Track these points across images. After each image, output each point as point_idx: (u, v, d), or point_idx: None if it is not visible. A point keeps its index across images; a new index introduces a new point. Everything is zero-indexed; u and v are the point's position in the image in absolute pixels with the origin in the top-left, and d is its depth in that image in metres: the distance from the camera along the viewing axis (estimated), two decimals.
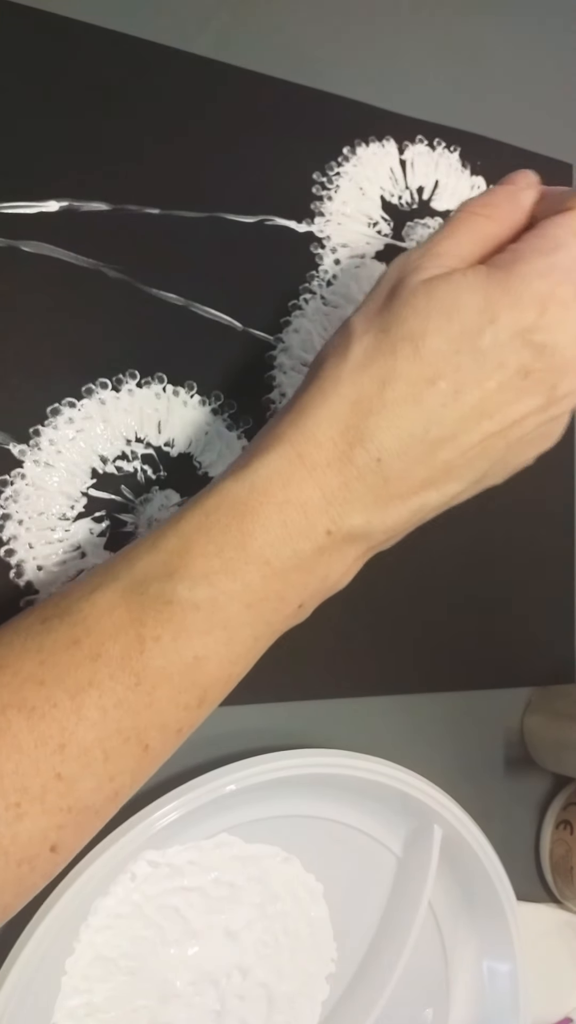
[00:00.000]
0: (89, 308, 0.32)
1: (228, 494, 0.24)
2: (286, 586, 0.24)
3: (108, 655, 0.23)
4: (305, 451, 0.24)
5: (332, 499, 0.24)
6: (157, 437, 0.33)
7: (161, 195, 0.34)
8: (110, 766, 0.23)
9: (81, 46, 0.33)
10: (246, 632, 0.24)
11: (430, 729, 0.38)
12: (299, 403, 0.25)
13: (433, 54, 0.40)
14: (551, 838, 0.40)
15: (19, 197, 0.31)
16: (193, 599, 0.23)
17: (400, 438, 0.24)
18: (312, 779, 0.33)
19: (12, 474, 0.30)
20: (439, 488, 0.26)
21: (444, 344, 0.24)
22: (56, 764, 0.22)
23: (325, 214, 0.37)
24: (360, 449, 0.24)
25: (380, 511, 0.25)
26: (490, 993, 0.38)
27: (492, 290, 0.24)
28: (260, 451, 0.25)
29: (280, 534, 0.24)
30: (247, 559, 0.24)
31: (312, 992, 0.35)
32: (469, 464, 0.25)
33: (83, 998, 0.30)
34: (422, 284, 0.25)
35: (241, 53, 0.35)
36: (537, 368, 0.25)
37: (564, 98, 0.44)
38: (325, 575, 0.25)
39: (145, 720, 0.23)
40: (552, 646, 0.42)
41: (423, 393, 0.24)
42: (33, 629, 0.24)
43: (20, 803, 0.21)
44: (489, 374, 0.24)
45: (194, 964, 0.32)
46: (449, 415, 0.24)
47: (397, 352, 0.24)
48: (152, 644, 0.23)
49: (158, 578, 0.24)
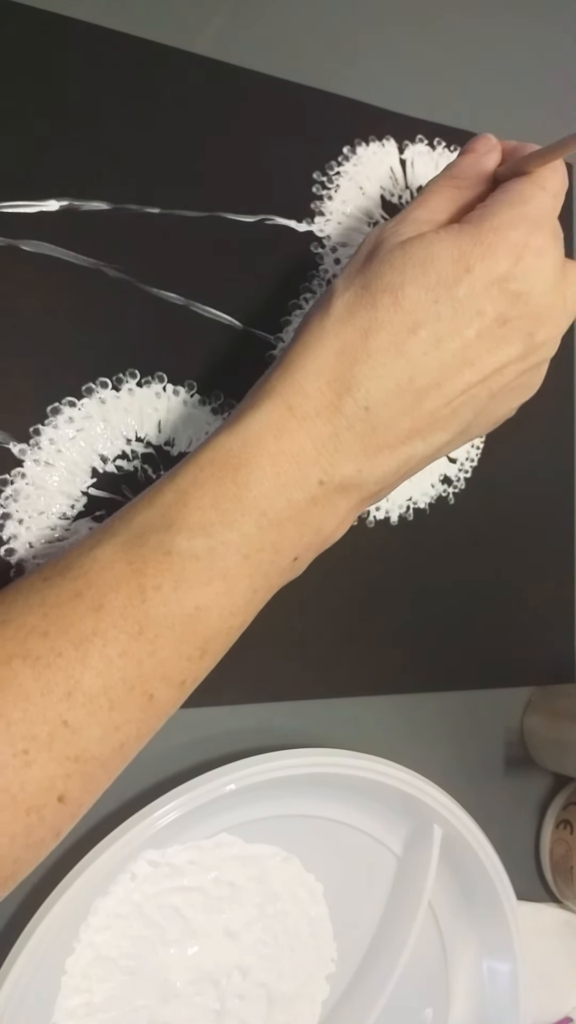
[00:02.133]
0: (89, 308, 0.32)
1: (222, 448, 0.25)
2: (282, 537, 0.25)
3: (110, 605, 0.23)
4: (295, 402, 0.25)
5: (323, 448, 0.25)
6: (157, 436, 0.33)
7: (161, 194, 0.33)
8: (115, 715, 0.23)
9: (81, 45, 0.33)
10: (244, 584, 0.25)
11: (430, 729, 0.38)
12: (287, 358, 0.26)
13: (433, 54, 0.40)
14: (551, 838, 0.40)
15: (19, 196, 0.31)
16: (192, 549, 0.24)
17: (386, 386, 0.25)
18: (312, 779, 0.33)
19: (12, 473, 0.30)
20: (426, 438, 0.26)
21: (422, 294, 0.25)
22: (63, 711, 0.22)
23: (325, 213, 0.37)
24: (348, 398, 0.25)
25: (370, 460, 0.26)
26: (490, 993, 0.38)
27: (464, 241, 0.25)
28: (251, 406, 0.26)
29: (274, 484, 0.25)
30: (243, 510, 0.24)
31: (312, 992, 0.35)
32: (454, 413, 0.26)
33: (83, 998, 0.30)
34: (398, 244, 0.26)
35: (241, 53, 0.35)
36: (514, 316, 0.26)
37: (564, 98, 0.44)
38: (319, 527, 0.26)
39: (149, 669, 0.23)
40: (552, 646, 0.42)
41: (405, 342, 0.25)
42: (35, 586, 0.24)
43: (28, 750, 0.22)
44: (468, 322, 0.25)
45: (194, 964, 0.32)
46: (431, 363, 0.25)
47: (378, 303, 0.25)
48: (153, 594, 0.23)
49: (156, 530, 0.24)
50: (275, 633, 0.34)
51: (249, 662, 0.34)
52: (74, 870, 0.29)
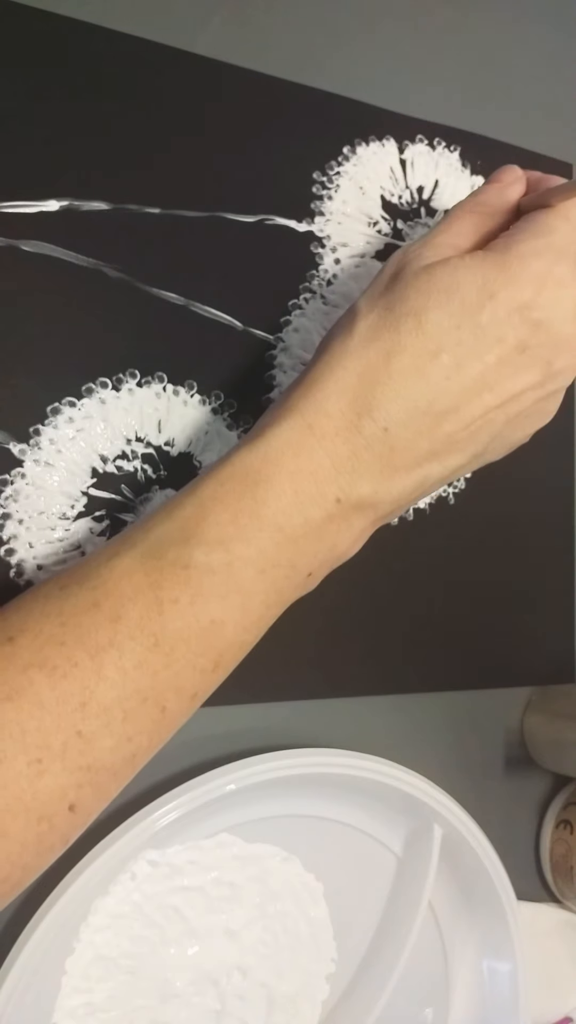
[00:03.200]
0: (89, 308, 0.32)
1: (241, 464, 0.25)
2: (297, 553, 0.25)
3: (127, 617, 0.23)
4: (315, 421, 0.25)
5: (341, 468, 0.25)
6: (157, 436, 0.33)
7: (161, 194, 0.34)
8: (128, 726, 0.23)
9: (81, 45, 0.33)
10: (259, 598, 0.25)
11: (430, 729, 0.38)
12: (308, 377, 0.26)
13: (433, 54, 0.40)
14: (551, 837, 0.40)
15: (19, 196, 0.31)
16: (209, 564, 0.24)
17: (405, 409, 0.25)
18: (312, 779, 0.33)
19: (12, 473, 0.30)
20: (442, 460, 0.27)
21: (445, 319, 0.25)
22: (77, 721, 0.22)
23: (325, 213, 0.37)
24: (368, 419, 0.25)
25: (387, 480, 0.26)
26: (490, 992, 0.38)
27: (489, 269, 0.26)
28: (272, 422, 0.26)
29: (292, 501, 0.25)
30: (260, 526, 0.25)
31: (312, 992, 0.35)
32: (471, 437, 0.27)
33: (83, 998, 0.30)
34: (423, 268, 0.27)
35: (241, 53, 0.35)
36: (534, 344, 0.26)
37: (564, 98, 0.44)
38: (334, 543, 0.26)
39: (163, 681, 0.24)
40: (552, 646, 0.42)
41: (427, 366, 0.25)
42: (52, 595, 0.24)
43: (41, 759, 0.22)
44: (489, 348, 0.26)
45: (194, 964, 0.32)
46: (452, 387, 0.26)
47: (401, 326, 0.26)
48: (170, 607, 0.24)
49: (175, 543, 0.24)
50: (275, 633, 0.34)
51: (249, 662, 0.34)
52: (74, 870, 0.29)
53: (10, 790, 0.21)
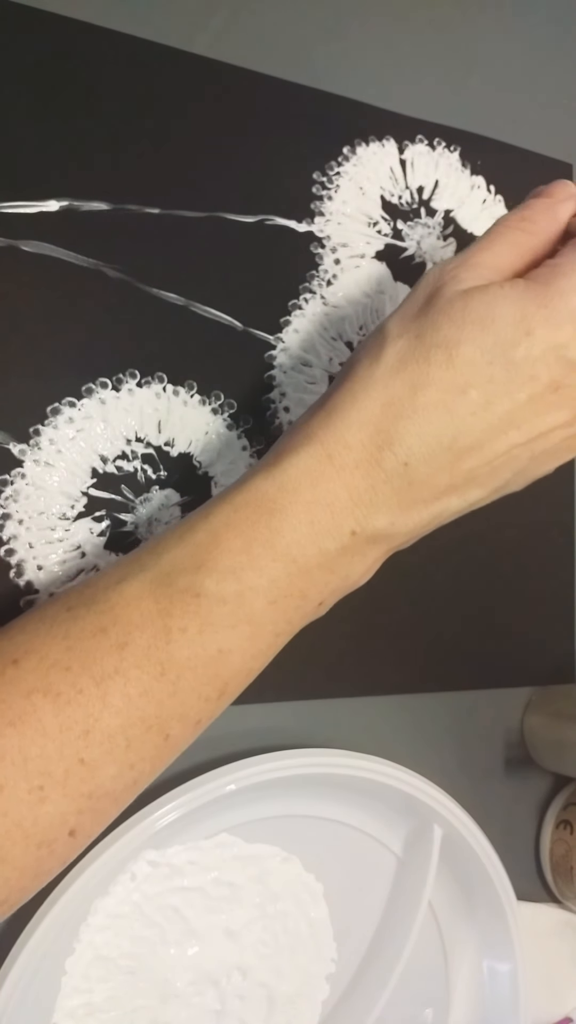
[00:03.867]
0: (89, 308, 0.32)
1: (257, 491, 0.25)
2: (309, 583, 0.25)
3: (134, 644, 0.23)
4: (335, 451, 0.25)
5: (359, 500, 0.25)
6: (157, 437, 0.33)
7: (161, 195, 0.33)
8: (131, 754, 0.23)
9: (81, 46, 0.33)
10: (269, 628, 0.25)
11: (430, 729, 0.38)
12: (330, 403, 0.26)
13: (433, 54, 0.40)
14: (551, 838, 0.40)
15: (19, 196, 0.31)
16: (220, 593, 0.24)
17: (428, 444, 0.25)
18: (312, 779, 0.33)
19: (12, 474, 0.30)
20: (461, 494, 0.26)
21: (478, 354, 0.24)
22: (80, 749, 0.22)
23: (325, 214, 0.37)
24: (388, 452, 0.25)
25: (403, 514, 0.25)
26: (490, 993, 0.38)
27: (529, 303, 0.25)
28: (290, 449, 0.25)
29: (307, 532, 0.25)
30: (274, 556, 0.24)
31: (312, 992, 0.35)
32: (493, 472, 0.26)
33: (83, 998, 0.30)
34: (459, 294, 0.25)
35: (241, 53, 0.35)
36: (568, 383, 0.25)
37: (564, 98, 0.44)
38: (347, 574, 0.26)
39: (168, 710, 0.23)
40: (552, 646, 0.42)
41: (454, 401, 0.25)
42: (59, 617, 0.24)
43: (43, 786, 0.22)
44: (520, 386, 0.25)
45: (194, 964, 0.32)
46: (478, 424, 0.25)
47: (431, 358, 0.25)
48: (178, 635, 0.23)
49: (186, 571, 0.24)
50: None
51: None
52: (74, 870, 0.29)
53: (11, 817, 0.21)
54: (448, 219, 0.40)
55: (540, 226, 0.27)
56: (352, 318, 0.37)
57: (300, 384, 0.36)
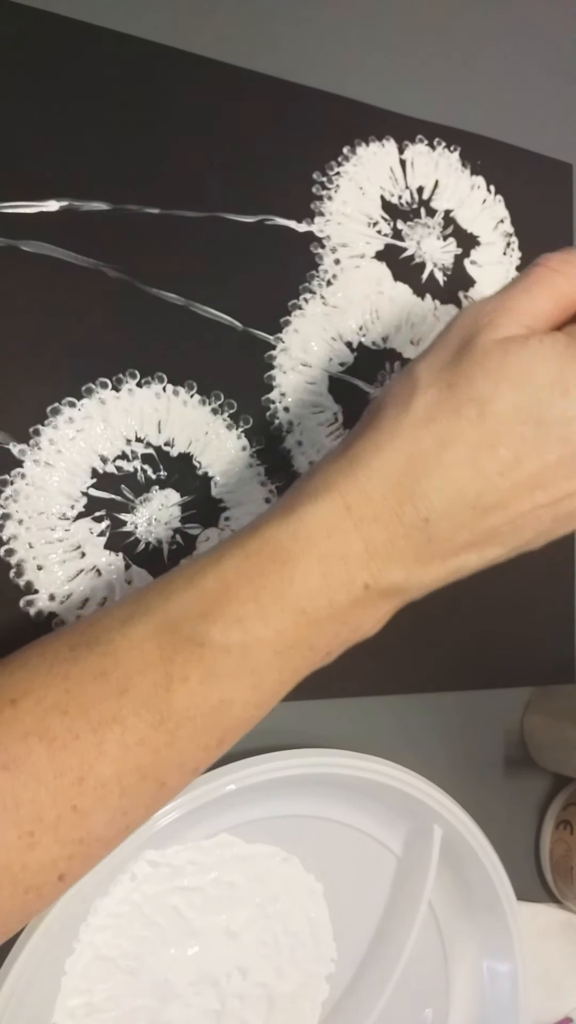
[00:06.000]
0: (89, 308, 0.32)
1: (271, 538, 0.24)
2: (318, 635, 0.24)
3: (135, 691, 0.23)
4: (354, 503, 0.24)
5: (375, 554, 0.24)
6: (157, 437, 0.33)
7: (161, 195, 0.34)
8: (125, 801, 0.23)
9: (81, 46, 0.33)
10: (273, 678, 0.24)
11: (430, 729, 0.38)
12: (353, 449, 0.25)
13: (433, 54, 0.40)
14: (551, 838, 0.40)
15: (19, 196, 0.31)
16: (225, 643, 0.23)
17: (451, 500, 0.24)
18: (312, 779, 0.33)
19: (12, 474, 0.30)
20: (480, 552, 0.25)
21: (511, 411, 0.24)
22: (73, 796, 0.22)
23: (325, 214, 0.37)
24: (410, 507, 0.24)
25: (420, 569, 0.25)
26: (490, 993, 0.38)
27: (568, 363, 0.24)
28: (308, 496, 0.25)
29: (319, 584, 0.24)
30: (283, 607, 0.24)
31: (312, 992, 0.35)
32: (515, 532, 0.25)
33: (83, 998, 0.30)
34: (496, 344, 0.24)
35: (241, 53, 0.35)
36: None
37: (564, 98, 0.44)
38: (357, 625, 0.25)
39: (164, 759, 0.23)
40: (552, 646, 0.42)
41: (482, 458, 0.24)
42: (60, 655, 0.23)
43: (34, 832, 0.21)
44: (551, 447, 0.24)
45: (194, 964, 0.32)
46: (504, 483, 0.24)
47: (461, 413, 0.24)
48: (180, 684, 0.23)
49: (192, 617, 0.23)
50: None
51: None
52: None
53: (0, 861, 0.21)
54: (448, 219, 0.40)
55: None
56: (352, 318, 0.37)
57: (300, 384, 0.36)
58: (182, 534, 0.33)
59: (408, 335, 0.38)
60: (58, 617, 0.31)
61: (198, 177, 0.34)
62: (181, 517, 0.33)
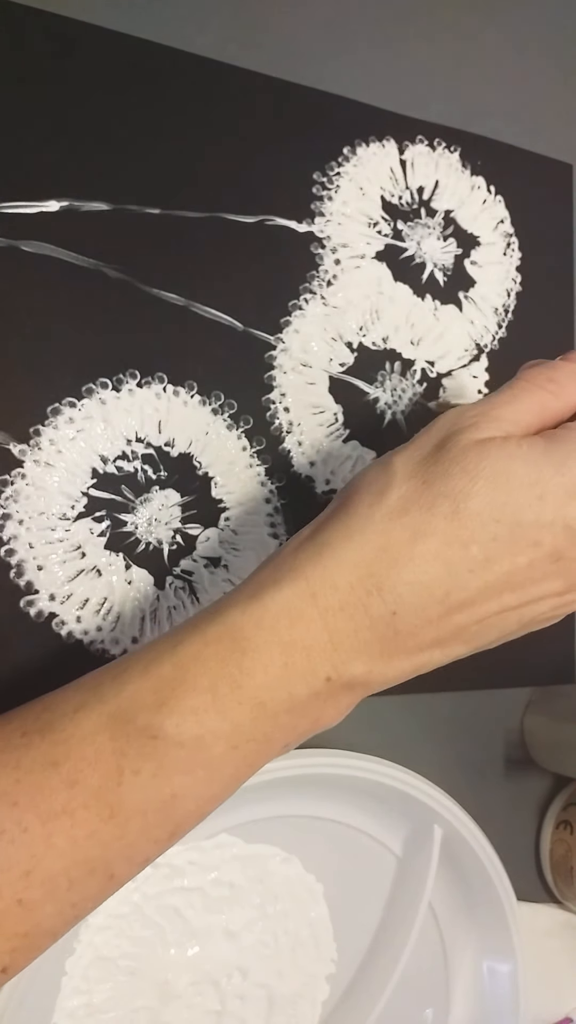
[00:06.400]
0: (89, 308, 0.32)
1: (232, 624, 0.24)
2: (275, 728, 0.24)
3: (85, 783, 0.22)
4: (320, 591, 0.24)
5: (339, 645, 0.24)
6: (157, 437, 0.33)
7: (161, 195, 0.34)
8: (73, 894, 0.22)
9: (81, 46, 0.33)
10: (227, 772, 0.24)
11: (430, 729, 0.38)
12: (322, 536, 0.25)
13: (433, 54, 0.40)
14: (551, 838, 0.40)
15: (19, 197, 0.31)
16: (178, 736, 0.23)
17: (420, 595, 0.24)
18: (312, 779, 0.33)
19: (12, 474, 0.30)
20: (445, 649, 0.25)
21: (486, 510, 0.24)
22: (19, 890, 0.21)
23: (325, 214, 0.37)
24: (377, 599, 0.24)
25: (383, 663, 0.24)
26: (490, 993, 0.38)
27: (546, 467, 0.24)
28: (272, 581, 0.24)
29: (279, 675, 0.23)
30: (240, 698, 0.23)
31: (312, 992, 0.35)
32: (481, 632, 0.25)
33: (83, 998, 0.30)
34: (475, 444, 0.24)
35: (241, 53, 0.35)
36: (569, 555, 0.24)
37: (564, 98, 0.44)
38: (316, 718, 0.25)
39: (114, 852, 0.23)
40: (552, 646, 0.42)
41: (453, 555, 0.24)
42: (12, 741, 0.23)
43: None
44: (522, 549, 0.24)
45: (194, 964, 0.32)
46: (474, 582, 0.24)
47: (435, 507, 0.24)
48: (131, 777, 0.22)
49: (146, 708, 0.23)
50: None
51: None
52: None
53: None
54: (448, 219, 0.40)
55: (567, 391, 0.26)
56: (352, 319, 0.37)
57: (300, 385, 0.36)
58: (182, 534, 0.33)
59: (408, 335, 0.38)
60: (58, 617, 0.31)
61: (198, 177, 0.34)
62: (181, 517, 0.33)
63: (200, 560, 0.33)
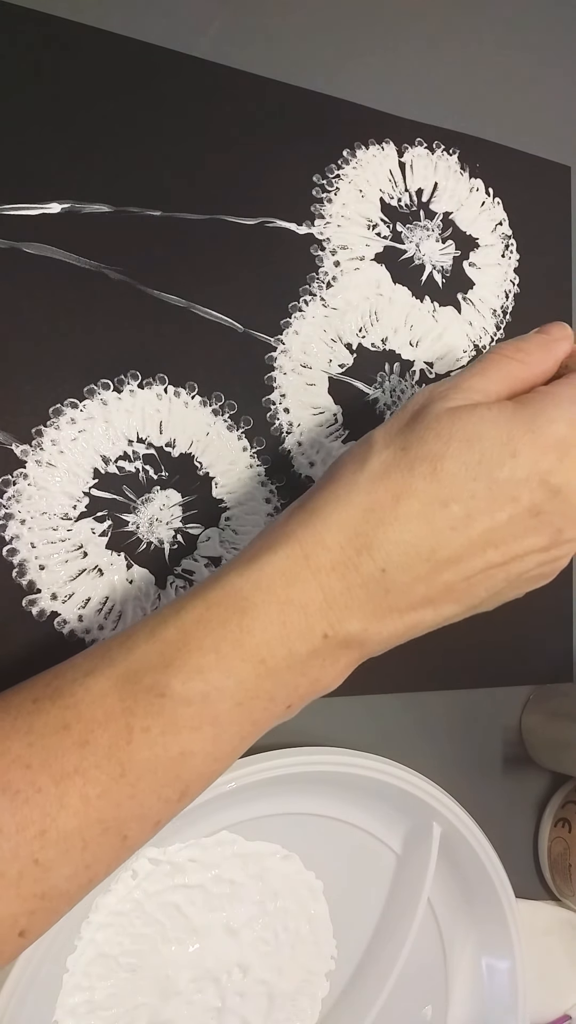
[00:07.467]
0: (91, 310, 0.32)
1: (231, 588, 0.25)
2: (277, 686, 0.25)
3: (96, 743, 0.23)
4: (312, 552, 0.25)
5: (333, 603, 0.25)
6: (158, 437, 0.33)
7: (162, 197, 0.34)
8: (87, 854, 0.23)
9: (83, 49, 0.33)
10: (234, 730, 0.24)
11: (429, 727, 0.38)
12: (311, 503, 0.26)
13: (432, 57, 0.41)
14: (549, 836, 0.41)
15: (21, 199, 0.31)
16: (185, 693, 0.23)
17: (407, 552, 0.25)
18: (312, 777, 0.33)
19: (15, 474, 0.31)
20: (436, 608, 0.26)
21: (462, 469, 0.25)
22: (35, 850, 0.22)
23: (325, 216, 0.37)
24: (367, 557, 0.25)
25: (377, 621, 0.25)
26: (489, 990, 0.38)
27: (516, 426, 0.25)
28: (267, 547, 0.25)
29: (278, 633, 0.24)
30: (243, 656, 0.24)
31: (312, 989, 0.35)
32: (469, 589, 0.26)
33: (84, 995, 0.30)
34: (447, 411, 0.26)
35: (242, 56, 0.36)
36: (548, 509, 0.25)
37: (563, 101, 0.44)
38: (317, 678, 0.25)
39: (126, 811, 0.23)
40: (551, 646, 0.42)
41: (435, 513, 0.25)
42: (24, 708, 0.24)
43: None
44: (501, 505, 0.25)
45: (195, 961, 0.32)
46: (457, 538, 0.25)
47: (415, 469, 0.25)
48: (140, 735, 0.23)
49: (153, 669, 0.24)
50: None
51: None
52: None
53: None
54: (447, 221, 0.40)
55: (535, 358, 0.28)
56: (352, 320, 0.37)
57: (300, 386, 0.36)
58: (183, 534, 0.33)
59: (407, 337, 0.39)
60: (60, 616, 0.31)
61: (199, 179, 0.35)
62: (182, 517, 0.33)
63: (201, 560, 0.34)
